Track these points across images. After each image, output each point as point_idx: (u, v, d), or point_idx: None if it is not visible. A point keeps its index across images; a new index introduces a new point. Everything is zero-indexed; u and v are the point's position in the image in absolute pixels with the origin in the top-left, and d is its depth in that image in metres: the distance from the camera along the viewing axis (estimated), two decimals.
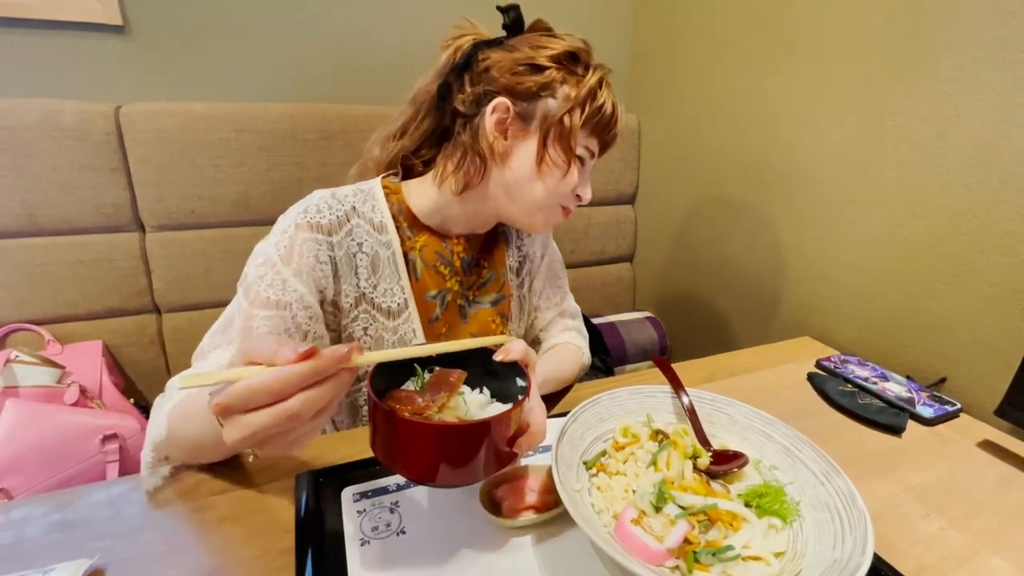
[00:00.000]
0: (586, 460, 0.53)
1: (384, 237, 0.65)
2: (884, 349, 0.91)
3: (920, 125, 0.82)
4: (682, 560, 0.42)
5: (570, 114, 0.60)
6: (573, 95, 0.60)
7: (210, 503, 0.52)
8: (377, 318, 0.66)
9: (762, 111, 1.11)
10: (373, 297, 0.65)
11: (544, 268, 0.82)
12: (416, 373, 0.48)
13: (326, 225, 0.60)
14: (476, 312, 0.73)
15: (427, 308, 0.68)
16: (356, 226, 0.63)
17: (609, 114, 0.62)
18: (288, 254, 0.58)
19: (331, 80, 1.27)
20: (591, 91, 0.60)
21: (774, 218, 1.11)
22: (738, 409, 0.58)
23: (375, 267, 0.65)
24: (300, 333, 0.59)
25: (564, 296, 0.85)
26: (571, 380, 0.78)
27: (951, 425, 0.71)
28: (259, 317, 0.56)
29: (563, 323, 0.84)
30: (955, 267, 0.80)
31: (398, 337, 0.67)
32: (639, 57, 1.51)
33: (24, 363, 0.97)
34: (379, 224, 0.65)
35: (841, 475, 0.47)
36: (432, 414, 0.43)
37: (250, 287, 0.57)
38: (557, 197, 0.64)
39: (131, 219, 1.12)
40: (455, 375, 0.47)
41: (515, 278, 0.78)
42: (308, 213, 0.60)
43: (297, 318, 0.58)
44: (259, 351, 0.35)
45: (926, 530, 0.53)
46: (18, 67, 1.06)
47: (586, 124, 0.60)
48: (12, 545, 0.47)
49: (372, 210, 0.65)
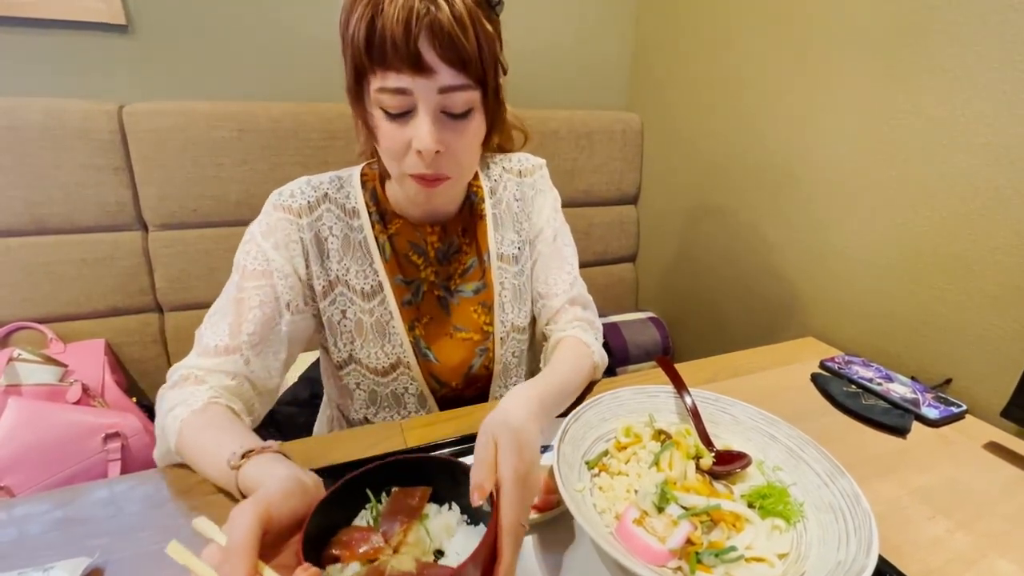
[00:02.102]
0: (588, 460, 0.52)
1: (356, 222, 0.66)
2: (889, 350, 0.90)
3: (925, 124, 0.82)
4: (684, 561, 0.41)
5: (345, 50, 0.52)
6: (343, 22, 0.50)
7: (210, 502, 0.52)
8: (354, 300, 0.66)
9: (766, 110, 1.10)
10: (348, 279, 0.66)
11: (546, 249, 0.75)
12: (369, 500, 0.40)
13: (296, 208, 0.63)
14: (459, 302, 0.71)
15: (399, 291, 0.68)
16: (326, 211, 0.64)
17: (390, 24, 0.46)
18: (268, 230, 0.62)
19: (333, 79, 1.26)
20: (360, 14, 0.48)
21: (778, 218, 1.11)
22: (741, 409, 0.58)
23: (346, 250, 0.66)
24: (284, 303, 0.61)
25: (573, 282, 0.75)
26: (580, 386, 0.66)
27: (956, 427, 0.71)
28: (249, 288, 0.59)
29: (571, 312, 0.73)
30: (961, 267, 0.79)
31: (375, 319, 0.67)
32: (642, 55, 1.50)
33: (27, 361, 0.98)
34: (351, 210, 0.66)
35: (845, 476, 0.46)
36: (386, 561, 0.35)
37: (238, 262, 0.62)
38: (394, 164, 0.56)
39: (134, 218, 1.12)
40: (418, 495, 0.40)
41: (506, 265, 0.72)
42: (282, 196, 0.63)
43: (278, 287, 0.61)
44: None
45: (932, 532, 0.52)
46: (22, 66, 1.06)
47: (364, 53, 0.49)
48: (13, 542, 0.47)
49: (347, 197, 0.66)
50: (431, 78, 0.49)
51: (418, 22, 0.46)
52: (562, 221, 0.78)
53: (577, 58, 1.47)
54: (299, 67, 1.24)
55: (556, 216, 0.77)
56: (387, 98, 0.51)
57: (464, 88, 0.51)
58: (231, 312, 0.59)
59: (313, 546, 0.36)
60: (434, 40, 0.48)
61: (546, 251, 0.75)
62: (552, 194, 0.78)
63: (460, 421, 0.67)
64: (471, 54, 0.50)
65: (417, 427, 0.66)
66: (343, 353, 0.68)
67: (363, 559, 0.36)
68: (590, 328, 0.74)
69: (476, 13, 0.50)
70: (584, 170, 1.48)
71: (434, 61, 0.49)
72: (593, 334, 0.73)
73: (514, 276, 0.73)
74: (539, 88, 1.47)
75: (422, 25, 0.47)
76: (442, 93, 0.51)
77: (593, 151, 1.47)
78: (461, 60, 0.49)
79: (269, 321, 0.60)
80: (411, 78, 0.49)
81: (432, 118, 0.52)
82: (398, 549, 0.37)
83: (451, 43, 0.48)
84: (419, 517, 0.40)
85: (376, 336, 0.68)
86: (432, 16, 0.47)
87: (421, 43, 0.48)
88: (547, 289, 0.74)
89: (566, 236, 0.77)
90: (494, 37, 0.53)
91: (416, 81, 0.49)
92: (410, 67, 0.48)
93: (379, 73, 0.50)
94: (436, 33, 0.47)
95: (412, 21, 0.46)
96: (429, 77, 0.49)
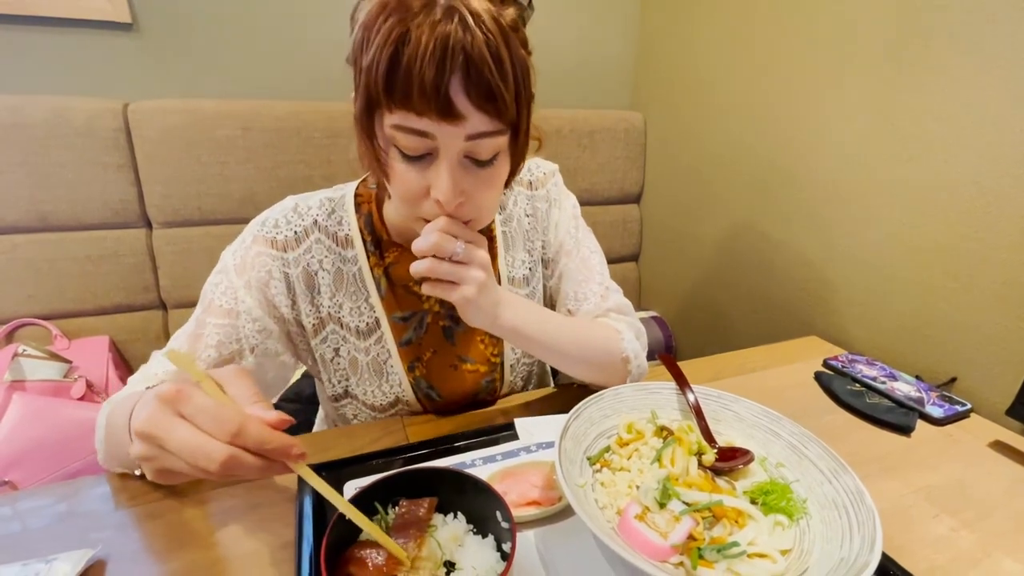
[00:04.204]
0: (590, 456, 0.52)
1: (349, 252, 0.60)
2: (893, 349, 0.90)
3: (930, 123, 0.81)
4: (686, 557, 0.41)
5: (357, 75, 0.45)
6: (359, 43, 0.44)
7: (212, 496, 0.52)
8: (348, 338, 0.62)
9: (771, 109, 1.10)
10: (340, 316, 0.61)
11: (570, 263, 0.69)
12: (376, 512, 0.40)
13: (281, 241, 0.57)
14: (465, 331, 0.66)
15: (397, 330, 0.63)
16: (316, 242, 0.59)
17: (420, 63, 0.40)
18: (242, 265, 0.56)
19: (338, 78, 1.26)
20: (382, 42, 0.41)
21: (783, 218, 1.10)
22: (744, 406, 0.57)
23: (338, 285, 0.61)
24: (248, 346, 0.56)
25: (605, 293, 0.69)
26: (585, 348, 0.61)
27: (961, 425, 0.70)
28: (210, 324, 0.55)
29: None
30: (966, 266, 0.79)
31: (371, 358, 0.64)
32: (646, 54, 1.50)
33: (32, 357, 0.98)
34: (344, 239, 0.60)
35: (849, 472, 0.46)
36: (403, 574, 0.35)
37: (205, 293, 0.56)
38: (407, 207, 0.49)
39: (138, 215, 1.13)
40: (425, 506, 0.40)
41: (517, 288, 0.68)
42: (265, 227, 0.58)
43: (244, 330, 0.56)
44: (235, 386, 0.37)
45: (936, 531, 0.52)
46: (27, 64, 1.07)
47: (382, 89, 0.42)
48: (16, 535, 0.48)
49: (339, 223, 0.60)
50: (459, 125, 0.43)
51: (452, 60, 0.40)
52: (584, 228, 0.73)
53: (580, 56, 1.47)
54: (303, 66, 1.24)
55: (577, 224, 0.72)
56: (405, 139, 0.44)
57: (494, 135, 0.45)
58: (186, 346, 0.54)
59: (328, 557, 0.35)
60: (468, 83, 0.41)
61: (571, 265, 0.70)
62: (569, 201, 0.73)
63: (463, 419, 0.67)
64: (506, 97, 0.43)
65: (419, 423, 0.66)
66: (338, 388, 0.65)
67: (380, 575, 0.35)
68: (628, 327, 0.67)
69: (512, 40, 0.43)
70: (587, 169, 1.48)
71: (465, 107, 0.42)
72: (630, 331, 0.66)
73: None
74: (541, 86, 1.44)
75: (456, 64, 0.40)
76: (469, 140, 0.44)
77: (596, 150, 1.47)
78: (495, 106, 0.43)
79: (225, 363, 0.55)
80: (436, 124, 0.42)
81: (455, 165, 0.46)
82: (415, 564, 0.37)
83: (487, 87, 0.42)
84: (428, 528, 0.40)
85: (373, 375, 0.64)
86: (467, 53, 0.40)
87: (453, 86, 0.41)
88: (576, 306, 0.68)
89: (590, 243, 0.72)
90: (528, 66, 0.46)
91: (441, 127, 0.43)
92: (437, 112, 0.42)
93: (398, 112, 0.43)
94: (471, 74, 0.41)
95: (446, 61, 0.40)
96: (457, 124, 0.43)
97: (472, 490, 0.41)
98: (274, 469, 0.36)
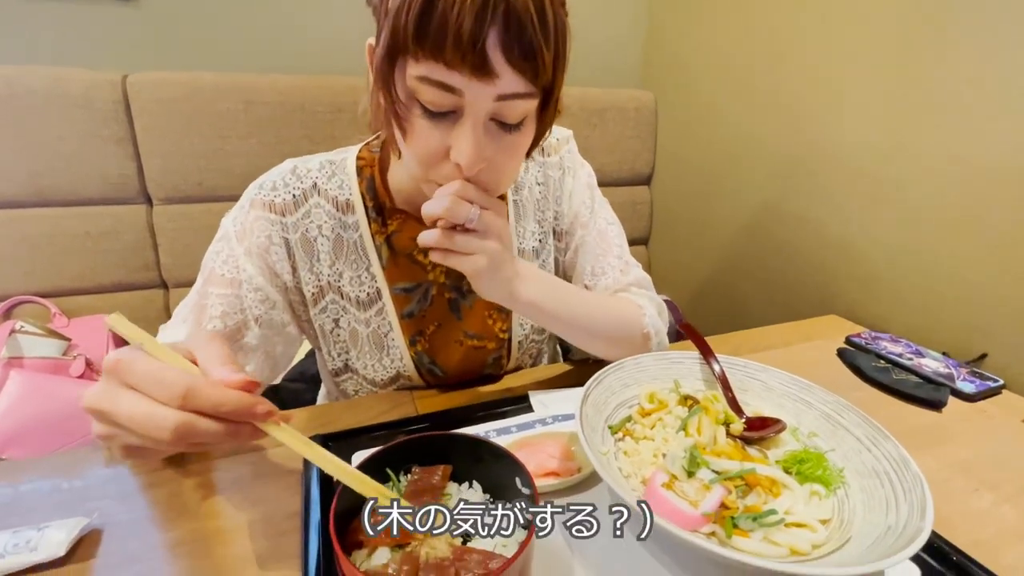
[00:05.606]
0: (611, 424, 0.49)
1: (350, 218, 0.58)
2: (918, 325, 0.87)
3: (954, 96, 0.77)
4: (719, 526, 0.38)
5: (381, 18, 0.40)
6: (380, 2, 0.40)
7: (217, 465, 0.50)
8: (348, 308, 0.60)
9: (786, 87, 1.06)
10: (340, 285, 0.59)
11: (587, 235, 0.66)
12: (388, 479, 0.38)
13: (279, 205, 0.55)
14: (472, 305, 0.63)
15: (399, 301, 0.61)
16: (315, 206, 0.56)
17: (458, 11, 0.35)
18: (242, 231, 0.54)
19: (341, 52, 1.23)
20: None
21: (799, 197, 1.07)
22: (772, 375, 0.54)
23: (338, 252, 0.58)
24: (252, 316, 0.54)
25: (625, 268, 0.66)
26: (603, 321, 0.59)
27: (993, 401, 0.67)
28: (213, 295, 0.52)
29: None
30: (994, 240, 0.76)
31: (371, 330, 0.61)
32: (656, 32, 1.46)
33: (29, 334, 0.96)
34: (344, 203, 0.57)
35: (890, 439, 0.43)
36: (418, 546, 0.32)
37: (206, 263, 0.54)
38: (421, 168, 0.45)
39: (138, 191, 1.10)
40: (439, 473, 0.38)
41: (526, 261, 0.64)
42: (263, 190, 0.55)
43: (247, 300, 0.53)
44: (205, 351, 0.34)
45: (978, 505, 0.49)
46: (24, 34, 1.04)
47: (412, 37, 0.37)
48: (9, 504, 0.46)
49: (339, 187, 0.57)
50: (491, 83, 0.39)
51: (493, 11, 0.36)
52: (600, 198, 0.69)
53: (589, 33, 1.43)
54: (306, 39, 1.21)
55: (593, 195, 0.68)
56: (430, 92, 0.40)
57: (526, 97, 0.41)
58: (191, 318, 0.52)
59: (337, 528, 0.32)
60: (507, 37, 0.37)
61: (588, 238, 0.66)
62: (584, 170, 0.69)
63: (473, 392, 0.64)
64: (546, 57, 0.39)
65: (429, 396, 0.63)
66: (338, 362, 0.63)
67: (392, 544, 0.32)
68: (650, 302, 0.65)
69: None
70: (596, 149, 1.44)
71: (499, 64, 0.38)
72: (654, 307, 0.64)
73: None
74: None
75: (497, 16, 0.36)
76: (499, 100, 0.40)
77: (605, 130, 1.43)
78: (533, 65, 0.39)
79: (231, 335, 0.53)
80: (467, 79, 0.38)
81: (481, 127, 0.41)
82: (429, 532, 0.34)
83: (527, 44, 0.38)
84: (443, 494, 0.37)
85: (373, 348, 0.62)
86: (510, 4, 0.36)
87: (490, 40, 0.37)
88: (594, 281, 0.66)
89: (607, 214, 0.69)
90: (567, 29, 0.42)
91: (471, 84, 0.38)
92: (470, 67, 0.37)
93: (425, 62, 0.38)
94: (511, 29, 0.37)
95: (487, 11, 0.36)
96: (490, 82, 0.38)
97: (489, 457, 0.39)
98: (242, 434, 0.33)
